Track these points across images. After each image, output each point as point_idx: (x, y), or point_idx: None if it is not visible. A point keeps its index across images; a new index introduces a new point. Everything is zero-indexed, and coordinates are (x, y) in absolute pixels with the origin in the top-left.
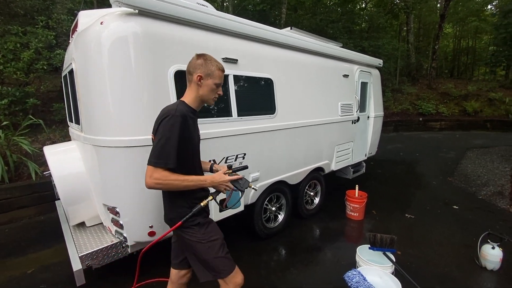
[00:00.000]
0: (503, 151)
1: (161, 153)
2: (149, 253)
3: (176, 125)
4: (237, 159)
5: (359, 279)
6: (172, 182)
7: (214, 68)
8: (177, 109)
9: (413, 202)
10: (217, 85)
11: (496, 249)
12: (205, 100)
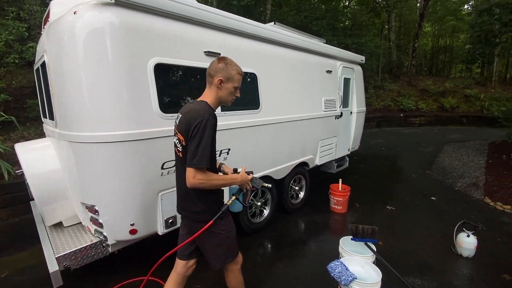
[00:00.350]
0: (478, 145)
1: (203, 155)
2: (124, 253)
3: (213, 127)
4: (222, 155)
5: (342, 269)
6: (213, 181)
7: (235, 73)
8: (208, 111)
9: (394, 195)
10: (236, 88)
11: (471, 237)
12: (224, 102)
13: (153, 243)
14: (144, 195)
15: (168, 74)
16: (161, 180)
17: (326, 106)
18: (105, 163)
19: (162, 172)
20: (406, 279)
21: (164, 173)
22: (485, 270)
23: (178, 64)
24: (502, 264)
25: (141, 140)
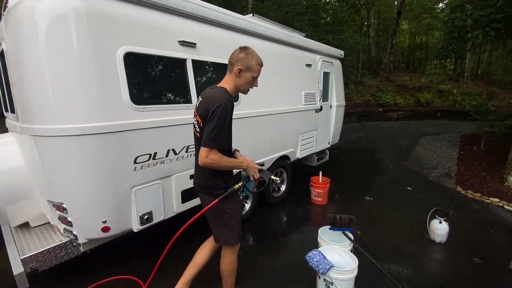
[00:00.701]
0: (451, 137)
1: (217, 137)
2: (98, 253)
3: (230, 113)
4: None
5: (319, 258)
6: (222, 162)
7: (254, 63)
8: (226, 97)
9: (372, 186)
10: (254, 78)
11: (443, 223)
12: (241, 90)
13: (128, 241)
14: (116, 191)
15: (140, 63)
16: (135, 175)
17: (306, 100)
18: (72, 158)
19: (135, 167)
20: (382, 265)
21: (138, 167)
22: (456, 255)
23: (150, 53)
24: (472, 248)
25: (111, 133)
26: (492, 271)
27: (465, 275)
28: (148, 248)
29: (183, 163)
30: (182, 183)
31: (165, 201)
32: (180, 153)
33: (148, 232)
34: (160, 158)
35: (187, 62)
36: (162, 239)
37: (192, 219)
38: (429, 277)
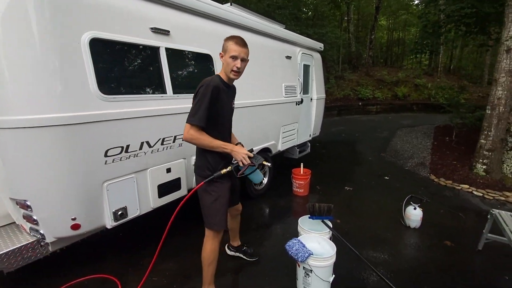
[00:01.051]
0: (426, 129)
1: (196, 114)
2: (71, 251)
3: (208, 93)
4: (176, 141)
5: (299, 246)
6: (202, 139)
7: (229, 43)
8: (212, 80)
9: (352, 176)
10: (232, 57)
11: (417, 209)
12: (229, 75)
13: (103, 238)
14: (86, 186)
15: (109, 51)
16: (106, 169)
17: (286, 92)
18: (35, 151)
19: (106, 160)
20: (360, 251)
21: (109, 161)
22: (429, 239)
23: (119, 40)
24: (444, 232)
25: (78, 125)
26: (462, 253)
27: (437, 258)
28: (125, 245)
29: (159, 156)
30: (159, 177)
31: (140, 196)
32: (155, 145)
33: (124, 229)
34: (133, 151)
35: (160, 51)
36: (139, 235)
37: (185, 198)
38: (404, 261)
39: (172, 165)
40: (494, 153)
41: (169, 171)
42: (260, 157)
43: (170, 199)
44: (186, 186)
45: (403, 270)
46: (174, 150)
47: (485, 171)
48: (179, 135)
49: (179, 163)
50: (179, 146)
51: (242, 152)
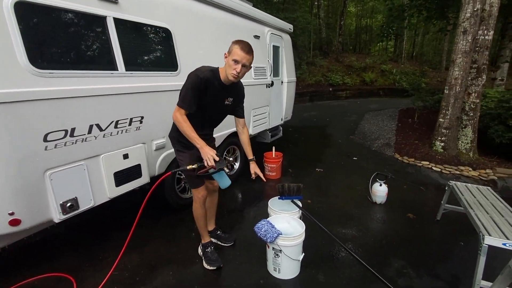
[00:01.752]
0: (391, 112)
1: (185, 98)
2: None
3: (195, 83)
4: (132, 124)
5: (267, 227)
6: (183, 125)
7: (235, 47)
8: (205, 72)
9: (322, 158)
10: (234, 61)
11: (383, 185)
12: (228, 75)
13: (56, 234)
14: (23, 176)
15: (42, 17)
16: (47, 156)
17: (256, 74)
18: None
19: (47, 146)
20: (330, 229)
21: (50, 146)
22: (394, 213)
23: (54, 5)
24: (407, 206)
25: (5, 104)
26: (423, 224)
27: (401, 230)
28: (82, 239)
29: (113, 141)
30: (114, 164)
31: (93, 185)
32: (107, 129)
33: (80, 221)
34: (80, 135)
35: (108, 21)
36: (98, 227)
37: (152, 188)
38: (371, 235)
39: (129, 150)
40: (451, 130)
41: (126, 157)
42: (224, 163)
43: (130, 188)
44: (148, 173)
45: (370, 244)
46: (131, 134)
47: (443, 148)
48: (135, 118)
49: (138, 149)
50: (136, 129)
51: (209, 153)
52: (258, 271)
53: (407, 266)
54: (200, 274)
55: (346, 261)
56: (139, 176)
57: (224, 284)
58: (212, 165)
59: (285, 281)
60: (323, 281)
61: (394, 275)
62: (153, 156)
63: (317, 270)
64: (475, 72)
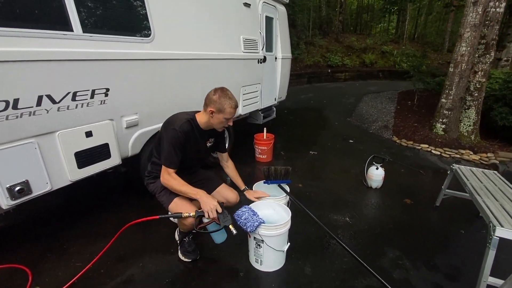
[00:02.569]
0: (390, 94)
1: (169, 157)
2: None
3: (175, 139)
4: (95, 96)
5: (248, 215)
6: (173, 183)
7: (226, 106)
8: (182, 125)
9: (317, 141)
10: (227, 119)
11: (380, 169)
12: (212, 125)
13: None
14: None
15: None
16: None
17: (246, 47)
18: None
19: None
20: (321, 215)
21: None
22: (390, 198)
23: None
24: (405, 191)
25: None
26: (421, 210)
27: (397, 216)
28: (45, 227)
29: (72, 116)
30: (75, 142)
31: (49, 166)
32: (63, 101)
33: (41, 207)
34: (26, 108)
35: None
36: (64, 213)
37: (146, 218)
38: (365, 222)
39: (93, 127)
40: (453, 112)
41: (89, 135)
42: (229, 218)
43: (96, 170)
44: (119, 153)
45: (363, 231)
46: (94, 109)
47: (443, 130)
48: (99, 90)
49: (104, 126)
50: (100, 103)
51: (211, 203)
52: (239, 262)
53: (402, 257)
54: (174, 266)
55: (336, 251)
56: (108, 157)
57: (199, 278)
58: (215, 217)
59: (267, 273)
60: (309, 274)
61: (388, 267)
62: (124, 134)
63: (304, 261)
64: (483, 49)
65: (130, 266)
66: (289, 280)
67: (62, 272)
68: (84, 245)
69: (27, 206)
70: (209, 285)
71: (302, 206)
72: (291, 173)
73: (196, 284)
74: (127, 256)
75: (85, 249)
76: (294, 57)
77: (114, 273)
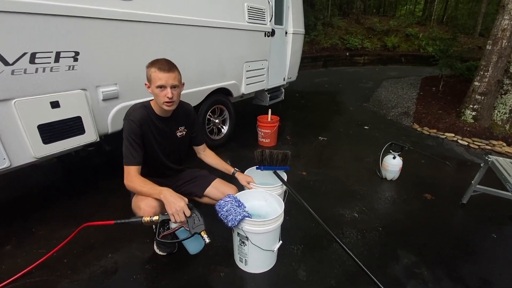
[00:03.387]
0: (412, 80)
1: (125, 154)
2: None
3: (129, 130)
4: (61, 60)
5: (231, 206)
6: (134, 185)
7: (151, 71)
8: (135, 113)
9: (328, 126)
10: (160, 87)
11: (397, 158)
12: (160, 106)
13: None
14: None
15: None
16: None
17: (251, 16)
18: None
19: None
20: (325, 208)
21: None
22: (407, 191)
23: None
24: (424, 184)
25: None
26: (444, 207)
27: (415, 213)
28: (13, 210)
29: (30, 81)
30: (37, 113)
31: (6, 140)
32: (18, 63)
33: None
34: None
35: None
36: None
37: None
38: (376, 218)
39: (61, 97)
40: (487, 97)
41: (56, 106)
42: (202, 222)
43: (67, 147)
44: (95, 129)
45: (373, 229)
46: (60, 75)
47: (474, 118)
48: (65, 53)
49: (75, 96)
50: (68, 69)
51: (177, 204)
52: (221, 261)
53: (420, 264)
54: (147, 259)
55: (338, 254)
56: (81, 132)
57: (171, 275)
58: (183, 222)
59: (253, 275)
60: (302, 279)
61: (401, 276)
62: (101, 108)
63: (298, 263)
64: None
65: (98, 257)
66: (279, 284)
67: (22, 258)
68: (53, 229)
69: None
70: (181, 285)
71: (299, 198)
72: (291, 159)
73: (166, 284)
74: (95, 246)
75: (53, 234)
76: (310, 39)
77: (79, 264)
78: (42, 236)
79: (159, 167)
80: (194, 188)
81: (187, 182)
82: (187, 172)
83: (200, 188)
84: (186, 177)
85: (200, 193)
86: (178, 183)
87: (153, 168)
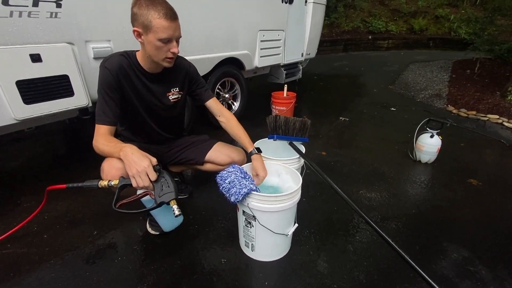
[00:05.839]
0: (442, 63)
1: (97, 110)
2: None
3: (101, 79)
4: (40, 5)
5: (235, 177)
6: (97, 142)
7: (152, 16)
8: (109, 60)
9: (350, 107)
10: (163, 40)
11: (435, 137)
12: (156, 62)
13: None
14: None
15: None
16: None
17: None
18: None
19: None
20: (348, 190)
21: None
22: (447, 176)
23: None
24: (467, 169)
25: None
26: (493, 194)
27: (461, 200)
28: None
29: (5, 26)
30: (14, 66)
31: None
32: None
33: None
34: None
35: None
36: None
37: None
38: (411, 204)
39: (42, 50)
40: None
41: (37, 60)
42: (172, 191)
43: (53, 109)
44: (87, 92)
45: (409, 217)
46: (40, 23)
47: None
48: None
49: (59, 50)
50: (51, 16)
51: (139, 164)
52: (223, 244)
53: (474, 260)
54: (137, 240)
55: (366, 242)
56: (69, 94)
57: (163, 260)
58: (148, 188)
59: (260, 264)
60: (323, 272)
61: (452, 274)
62: (93, 68)
63: (318, 252)
64: None
65: (81, 234)
66: (292, 277)
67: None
68: (40, 201)
69: None
70: (173, 273)
71: (321, 173)
72: (309, 129)
73: (155, 269)
74: (79, 222)
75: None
76: (329, 22)
77: (59, 242)
78: (26, 208)
79: (148, 133)
80: (193, 153)
81: (185, 148)
82: (184, 138)
83: (200, 153)
84: (183, 143)
85: (201, 158)
86: (174, 151)
87: (141, 133)
